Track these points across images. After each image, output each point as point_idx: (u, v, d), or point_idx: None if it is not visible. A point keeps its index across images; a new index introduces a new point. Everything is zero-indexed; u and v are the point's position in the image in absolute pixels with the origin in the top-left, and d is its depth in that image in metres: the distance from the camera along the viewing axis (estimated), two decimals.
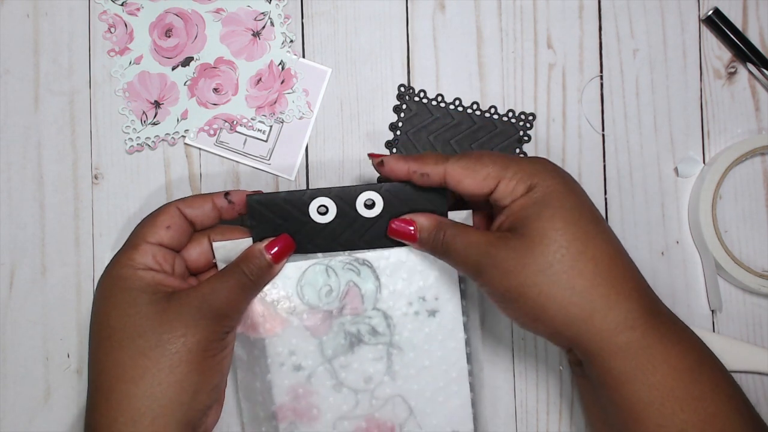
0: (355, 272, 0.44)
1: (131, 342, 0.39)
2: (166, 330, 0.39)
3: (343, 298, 0.44)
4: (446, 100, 0.49)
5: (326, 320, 0.44)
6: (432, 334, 0.44)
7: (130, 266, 0.40)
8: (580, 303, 0.37)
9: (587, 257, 0.37)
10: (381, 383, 0.44)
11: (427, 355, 0.44)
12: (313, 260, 0.43)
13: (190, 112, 0.48)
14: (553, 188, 0.39)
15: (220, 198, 0.42)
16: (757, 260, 0.49)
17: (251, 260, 0.41)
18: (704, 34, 0.50)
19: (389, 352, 0.44)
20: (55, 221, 0.48)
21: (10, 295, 0.48)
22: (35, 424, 0.47)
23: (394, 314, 0.44)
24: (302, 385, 0.44)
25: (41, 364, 0.47)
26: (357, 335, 0.44)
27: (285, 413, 0.44)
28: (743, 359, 0.47)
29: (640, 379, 0.36)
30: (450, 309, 0.44)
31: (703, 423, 0.36)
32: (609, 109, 0.49)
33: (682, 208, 0.49)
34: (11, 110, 0.48)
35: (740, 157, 0.48)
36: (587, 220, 0.39)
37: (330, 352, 0.44)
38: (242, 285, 0.41)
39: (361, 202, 0.42)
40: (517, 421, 0.48)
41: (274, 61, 0.49)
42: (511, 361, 0.48)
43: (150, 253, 0.40)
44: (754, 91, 0.50)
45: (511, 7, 0.50)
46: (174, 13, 0.49)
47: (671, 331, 0.38)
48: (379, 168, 0.42)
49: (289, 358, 0.44)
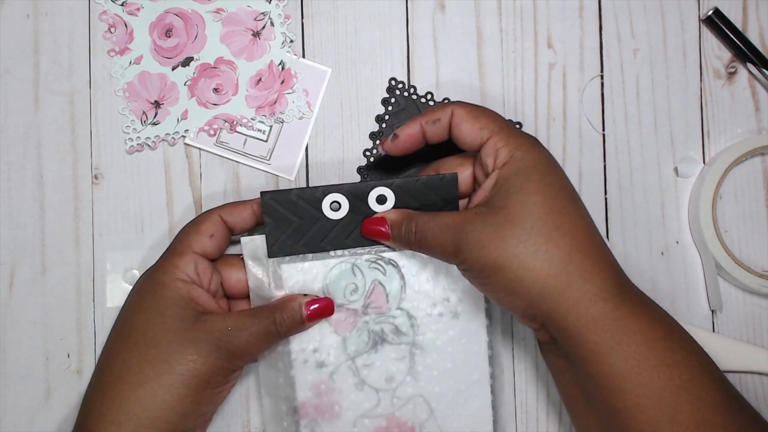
0: (380, 271, 0.44)
1: (145, 348, 0.39)
2: (179, 349, 0.39)
3: (368, 297, 0.44)
4: (435, 99, 0.49)
5: (350, 318, 0.44)
6: (455, 337, 0.45)
7: (171, 273, 0.41)
8: (557, 274, 0.37)
9: (564, 230, 0.38)
10: (403, 383, 0.44)
11: (450, 358, 0.44)
12: (340, 258, 0.44)
13: (190, 112, 0.48)
14: (534, 162, 0.39)
15: (258, 204, 0.43)
16: (757, 260, 0.49)
17: (286, 311, 0.42)
18: (704, 34, 0.50)
19: (412, 353, 0.44)
20: (55, 221, 0.48)
21: (10, 295, 0.48)
22: (35, 424, 0.47)
23: (417, 314, 0.44)
24: (325, 382, 0.44)
25: (41, 364, 0.47)
26: (380, 334, 0.44)
27: (307, 409, 0.44)
28: (743, 359, 0.47)
29: (616, 350, 0.37)
30: (474, 311, 0.45)
31: (678, 389, 0.37)
32: (609, 109, 0.49)
33: (682, 208, 0.49)
34: (11, 110, 0.48)
35: (740, 157, 0.48)
36: (565, 195, 0.39)
37: (353, 350, 0.44)
38: (268, 332, 0.41)
39: (373, 198, 0.43)
40: (517, 421, 0.48)
41: (274, 61, 0.49)
42: (511, 361, 0.48)
43: (193, 263, 0.41)
44: (754, 91, 0.50)
45: (511, 7, 0.50)
46: (174, 13, 0.49)
47: (641, 303, 0.39)
48: (393, 143, 0.43)
49: (312, 354, 0.44)
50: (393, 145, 0.43)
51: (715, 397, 0.37)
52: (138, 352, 0.40)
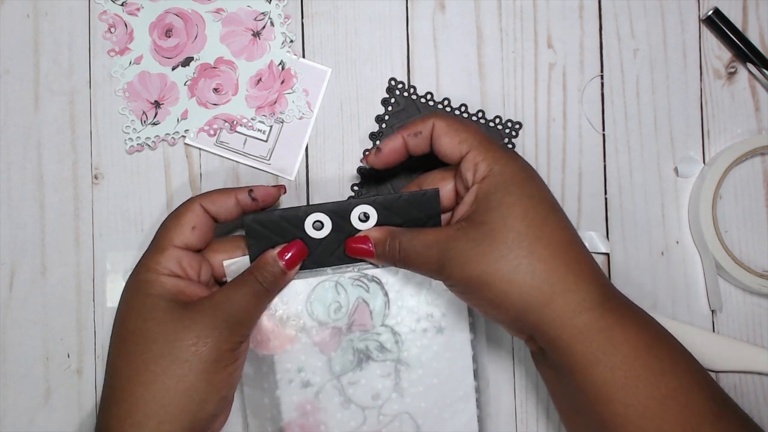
0: (364, 288, 0.44)
1: (146, 347, 0.39)
2: (178, 338, 0.39)
3: (351, 315, 0.44)
4: (435, 99, 0.49)
5: (335, 337, 0.44)
6: (440, 352, 0.44)
7: (154, 270, 0.41)
8: (540, 286, 0.37)
9: (544, 242, 0.38)
10: (389, 400, 0.44)
11: (435, 373, 0.44)
12: (323, 276, 0.44)
13: (190, 112, 0.48)
14: (512, 175, 0.39)
15: (244, 194, 0.43)
16: (757, 260, 0.49)
17: (264, 267, 0.42)
18: (704, 34, 0.50)
19: (397, 369, 0.44)
20: (55, 221, 0.48)
21: (10, 295, 0.48)
22: (35, 424, 0.47)
23: (402, 330, 0.44)
24: (310, 402, 0.44)
25: (41, 364, 0.47)
26: (365, 352, 0.44)
27: (293, 430, 0.44)
28: (743, 359, 0.47)
29: (603, 361, 0.37)
30: (458, 326, 0.44)
31: (666, 398, 0.36)
32: (609, 109, 0.49)
33: (682, 208, 0.49)
34: (11, 110, 0.48)
35: (740, 157, 0.47)
36: (545, 208, 0.39)
37: (338, 369, 0.44)
38: (256, 292, 0.41)
39: (355, 216, 0.43)
40: (517, 421, 0.48)
41: (274, 61, 0.49)
42: (511, 361, 0.48)
43: (175, 258, 0.41)
44: (754, 91, 0.50)
45: (511, 7, 0.50)
46: (174, 13, 0.49)
47: (627, 312, 0.39)
48: (376, 156, 0.43)
49: (297, 374, 0.44)
50: (377, 159, 0.43)
51: (704, 405, 0.37)
52: (141, 353, 0.39)
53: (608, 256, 0.49)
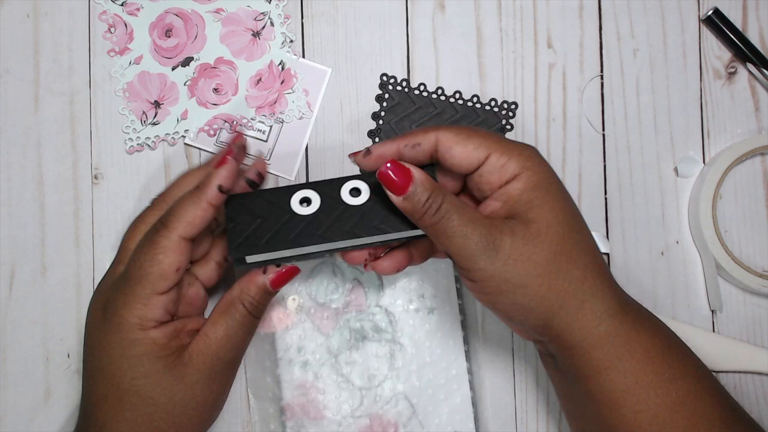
0: (359, 270, 0.46)
1: (144, 407, 0.38)
2: (182, 396, 0.38)
3: (348, 295, 0.46)
4: (428, 89, 0.49)
5: (332, 317, 0.46)
6: (432, 331, 0.46)
7: (140, 327, 0.37)
8: (575, 292, 0.37)
9: (581, 248, 0.37)
10: (384, 380, 0.46)
11: (428, 352, 0.46)
12: (321, 259, 0.46)
13: (190, 112, 0.48)
14: (547, 176, 0.38)
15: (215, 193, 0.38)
16: (757, 260, 0.49)
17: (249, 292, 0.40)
18: (704, 34, 0.50)
19: (392, 349, 0.46)
20: (55, 221, 0.48)
21: (10, 295, 0.48)
22: (35, 424, 0.47)
23: (395, 311, 0.46)
24: (309, 381, 0.46)
25: (41, 364, 0.47)
26: (361, 331, 0.46)
27: (293, 409, 0.45)
28: (743, 359, 0.47)
29: (617, 367, 0.37)
30: (447, 307, 0.46)
31: (675, 405, 0.36)
32: (609, 109, 0.49)
33: (682, 208, 0.49)
34: (11, 110, 0.48)
35: (740, 157, 0.47)
36: (576, 212, 0.39)
37: (336, 348, 0.46)
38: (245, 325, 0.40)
39: (346, 191, 0.40)
40: (517, 421, 0.48)
41: (274, 61, 0.49)
42: (511, 361, 0.48)
43: (162, 306, 0.38)
44: (754, 91, 0.49)
45: (511, 7, 0.50)
46: (174, 13, 0.49)
47: (641, 318, 0.39)
48: (365, 159, 0.40)
49: (297, 354, 0.46)
50: (365, 161, 0.40)
51: (712, 411, 0.37)
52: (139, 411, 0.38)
53: (608, 256, 0.49)
